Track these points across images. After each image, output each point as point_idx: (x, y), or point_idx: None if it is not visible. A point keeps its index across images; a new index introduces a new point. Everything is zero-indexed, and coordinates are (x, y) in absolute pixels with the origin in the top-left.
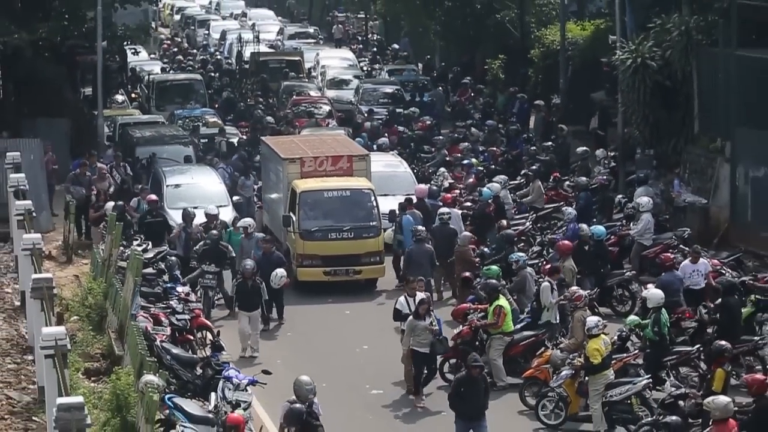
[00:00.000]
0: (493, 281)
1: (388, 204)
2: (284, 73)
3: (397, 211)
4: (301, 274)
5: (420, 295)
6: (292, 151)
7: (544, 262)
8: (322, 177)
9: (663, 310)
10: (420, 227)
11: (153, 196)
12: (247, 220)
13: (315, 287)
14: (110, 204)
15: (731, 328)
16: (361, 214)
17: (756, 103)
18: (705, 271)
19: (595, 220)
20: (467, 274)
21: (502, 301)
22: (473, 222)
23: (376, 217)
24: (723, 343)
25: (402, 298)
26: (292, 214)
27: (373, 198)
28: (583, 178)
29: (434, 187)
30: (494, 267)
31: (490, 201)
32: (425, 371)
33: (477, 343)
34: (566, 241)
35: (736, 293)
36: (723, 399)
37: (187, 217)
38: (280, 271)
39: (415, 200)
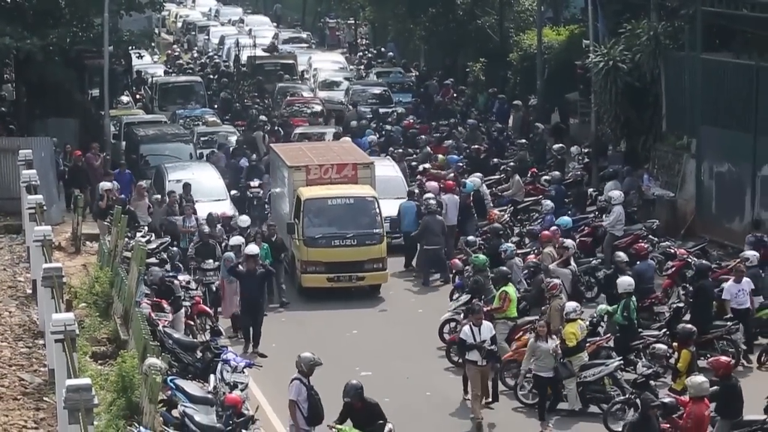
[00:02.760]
0: (504, 269)
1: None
2: (279, 75)
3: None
4: (305, 280)
5: (487, 325)
6: (298, 158)
7: (533, 252)
8: (327, 185)
9: (632, 296)
10: (432, 200)
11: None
12: (239, 239)
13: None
14: (105, 183)
15: (706, 309)
16: (364, 221)
17: (719, 103)
18: (749, 289)
19: (570, 212)
20: (456, 260)
21: (509, 288)
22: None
23: (379, 224)
24: (689, 326)
25: (467, 328)
26: (296, 221)
27: (376, 205)
28: (557, 173)
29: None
30: (482, 256)
31: (471, 194)
32: (550, 395)
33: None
34: (546, 231)
35: (710, 276)
36: (699, 378)
37: (211, 221)
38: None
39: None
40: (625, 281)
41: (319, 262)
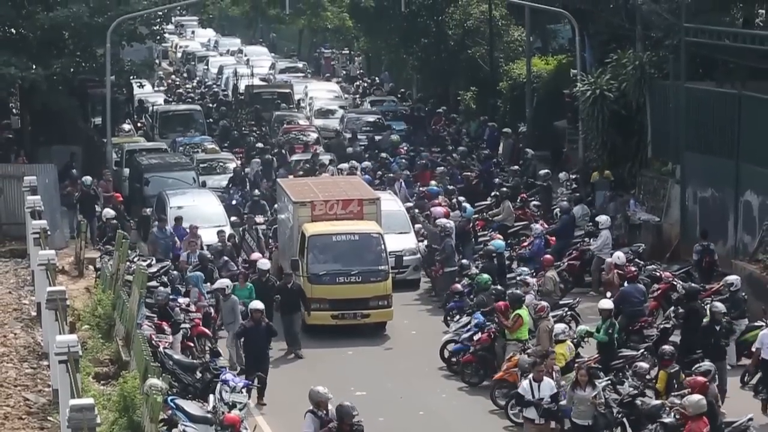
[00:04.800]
0: (518, 291)
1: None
2: (276, 103)
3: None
4: (309, 318)
5: (547, 381)
6: (304, 194)
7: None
8: (332, 220)
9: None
10: (449, 224)
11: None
12: (224, 281)
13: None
14: (109, 211)
15: (696, 331)
16: (369, 257)
17: (703, 131)
18: None
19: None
20: (457, 285)
21: (523, 311)
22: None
23: (384, 260)
24: (666, 347)
25: (525, 383)
26: (300, 258)
27: (381, 242)
28: (565, 203)
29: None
30: (485, 275)
31: (470, 218)
32: None
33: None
34: (548, 255)
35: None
36: (696, 396)
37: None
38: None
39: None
40: (608, 304)
41: (324, 299)
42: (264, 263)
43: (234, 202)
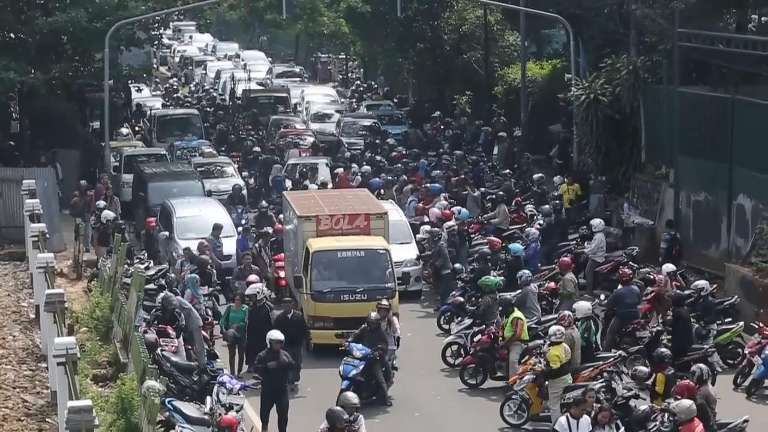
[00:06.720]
0: (507, 297)
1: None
2: (273, 108)
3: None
4: (313, 337)
5: (586, 420)
6: (309, 208)
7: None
8: (338, 236)
9: (591, 320)
10: (447, 225)
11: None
12: (165, 295)
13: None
14: (108, 213)
15: (685, 335)
16: (375, 274)
17: (696, 135)
18: None
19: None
20: (459, 298)
21: (518, 313)
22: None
23: (390, 278)
24: (663, 350)
25: (563, 419)
26: (304, 274)
27: (388, 258)
28: (546, 207)
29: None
30: (492, 278)
31: (465, 221)
32: None
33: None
34: (566, 258)
35: (686, 304)
36: (686, 402)
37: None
38: None
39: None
40: (584, 306)
41: (328, 318)
42: (252, 288)
43: (243, 221)
